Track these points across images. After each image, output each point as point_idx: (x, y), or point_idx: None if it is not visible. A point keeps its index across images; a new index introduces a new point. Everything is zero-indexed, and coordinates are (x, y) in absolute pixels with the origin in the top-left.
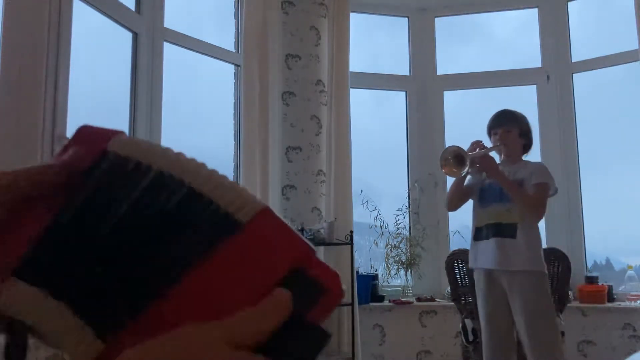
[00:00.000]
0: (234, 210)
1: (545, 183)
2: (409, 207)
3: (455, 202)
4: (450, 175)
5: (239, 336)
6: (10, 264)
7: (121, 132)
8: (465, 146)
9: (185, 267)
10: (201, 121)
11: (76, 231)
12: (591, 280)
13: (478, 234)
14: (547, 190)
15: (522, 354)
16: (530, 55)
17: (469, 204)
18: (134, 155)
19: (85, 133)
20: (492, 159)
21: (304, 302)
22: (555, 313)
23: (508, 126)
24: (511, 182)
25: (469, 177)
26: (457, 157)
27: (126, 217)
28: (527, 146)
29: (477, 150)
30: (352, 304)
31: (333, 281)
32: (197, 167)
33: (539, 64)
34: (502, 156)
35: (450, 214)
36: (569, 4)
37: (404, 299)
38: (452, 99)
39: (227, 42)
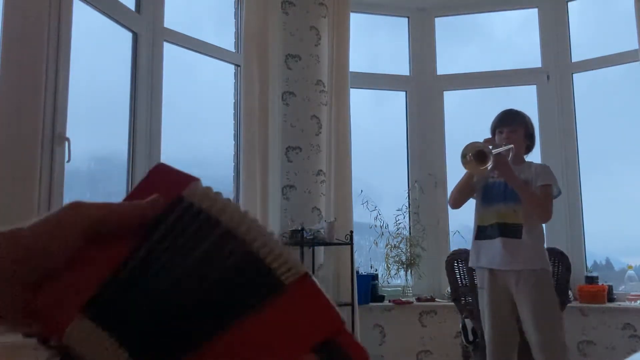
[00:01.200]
0: (277, 267)
1: (551, 185)
2: (409, 207)
3: (461, 200)
4: (473, 172)
5: None
6: (80, 299)
7: (197, 179)
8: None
9: (230, 321)
10: (201, 121)
11: (141, 277)
12: (591, 280)
13: (481, 232)
14: (552, 191)
15: (524, 352)
16: (530, 55)
17: (471, 202)
18: (207, 209)
19: (163, 174)
20: (505, 157)
21: None
22: (559, 308)
23: (514, 126)
24: (522, 182)
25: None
26: (479, 154)
27: (190, 272)
28: (530, 147)
29: (490, 147)
30: (352, 304)
31: (362, 355)
32: (261, 229)
33: (539, 64)
34: (510, 155)
35: (450, 213)
36: (569, 4)
37: (404, 299)
38: (452, 99)
39: (227, 42)
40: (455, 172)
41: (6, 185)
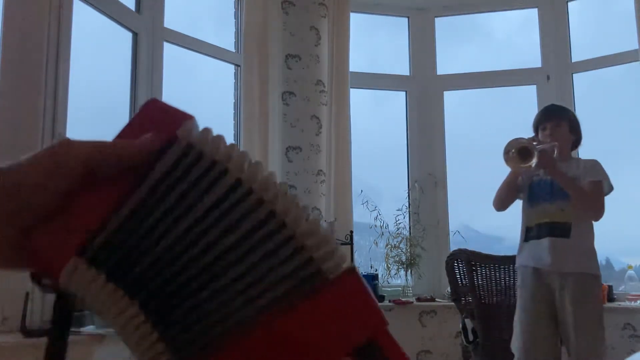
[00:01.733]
0: (320, 257)
1: (601, 181)
2: (409, 207)
3: (506, 200)
4: (515, 170)
5: None
6: (75, 240)
7: (192, 117)
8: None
9: (259, 313)
10: (201, 121)
11: (142, 224)
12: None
13: (529, 233)
14: (602, 188)
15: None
16: (530, 55)
17: (471, 200)
18: (209, 153)
19: (155, 109)
20: (551, 154)
21: None
22: (602, 317)
23: (557, 120)
24: (570, 179)
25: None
26: (522, 150)
27: (196, 226)
28: (576, 142)
29: (535, 143)
30: None
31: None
32: (278, 189)
33: (539, 64)
34: (556, 153)
35: (450, 213)
36: (569, 4)
37: (404, 299)
38: (452, 99)
39: (227, 42)
40: (455, 172)
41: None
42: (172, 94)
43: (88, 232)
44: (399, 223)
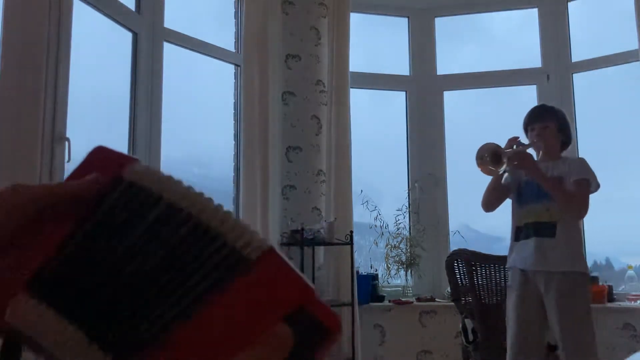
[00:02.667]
0: (241, 246)
1: (586, 179)
2: (409, 207)
3: (492, 202)
4: (487, 174)
5: None
6: (24, 276)
7: (136, 160)
8: (502, 143)
9: (195, 302)
10: (201, 121)
11: (86, 254)
12: (591, 280)
13: (518, 233)
14: (588, 186)
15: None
16: (530, 55)
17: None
18: (148, 185)
19: (101, 155)
20: (529, 155)
21: (305, 338)
22: (591, 316)
23: (545, 121)
24: (550, 179)
25: (506, 175)
26: (493, 155)
27: (134, 247)
28: (565, 142)
29: (514, 147)
30: (352, 304)
31: (333, 321)
32: (206, 201)
33: (539, 64)
34: (540, 153)
35: (450, 213)
36: (569, 4)
37: (404, 299)
38: (452, 99)
39: (227, 42)
40: (455, 172)
41: (6, 185)
42: (172, 94)
43: (36, 266)
44: (399, 223)
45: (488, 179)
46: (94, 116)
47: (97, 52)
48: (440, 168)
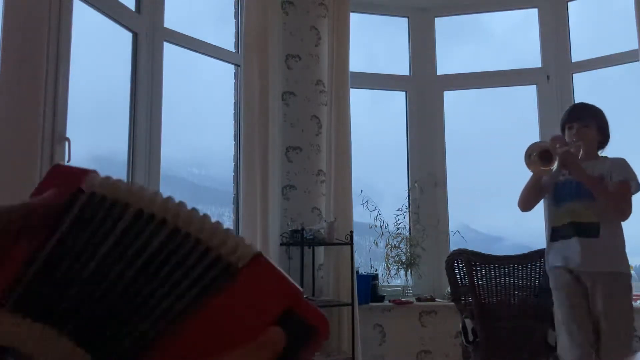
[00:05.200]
0: (227, 253)
1: (628, 181)
2: (409, 207)
3: (531, 201)
4: (536, 173)
5: None
6: None
7: (94, 171)
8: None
9: (182, 314)
10: (201, 121)
11: (55, 270)
12: None
13: (555, 233)
14: (630, 187)
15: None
16: (530, 55)
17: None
18: (110, 195)
19: (59, 172)
20: (575, 155)
21: (296, 339)
22: (633, 316)
23: (585, 120)
24: (594, 179)
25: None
26: (543, 154)
27: (108, 257)
28: (603, 142)
29: (557, 146)
30: (352, 304)
31: (321, 321)
32: (178, 207)
33: (539, 64)
34: (581, 152)
35: (450, 213)
36: (569, 4)
37: (404, 299)
38: (452, 99)
39: (227, 42)
40: (455, 172)
41: (6, 185)
42: (172, 94)
43: (7, 283)
44: (399, 223)
45: (488, 179)
46: (94, 116)
47: (97, 52)
48: (440, 168)
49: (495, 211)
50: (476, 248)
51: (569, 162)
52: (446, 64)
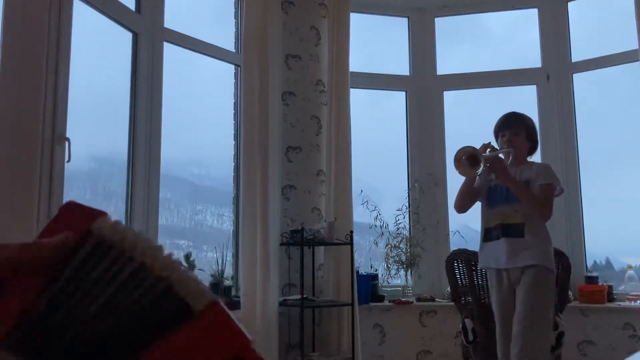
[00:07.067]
0: (190, 298)
1: (551, 184)
2: (409, 207)
3: (465, 204)
4: (464, 175)
5: None
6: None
7: (105, 214)
8: (476, 146)
9: (142, 348)
10: (201, 121)
11: (54, 314)
12: (591, 280)
13: (487, 234)
14: (553, 190)
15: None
16: (530, 55)
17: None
18: (118, 244)
19: (72, 211)
20: (502, 160)
21: None
22: (551, 311)
23: (516, 129)
24: (519, 183)
25: (477, 178)
26: (471, 157)
27: (105, 307)
28: (532, 148)
29: (488, 151)
30: (352, 304)
31: None
32: (175, 263)
33: (539, 64)
34: (510, 158)
35: (450, 213)
36: (569, 4)
37: (404, 299)
38: (452, 99)
39: (227, 42)
40: (455, 172)
41: (6, 185)
42: (172, 94)
43: (8, 325)
44: (399, 223)
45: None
46: (94, 116)
47: (97, 52)
48: (440, 168)
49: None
50: (476, 248)
51: (496, 167)
52: (446, 64)
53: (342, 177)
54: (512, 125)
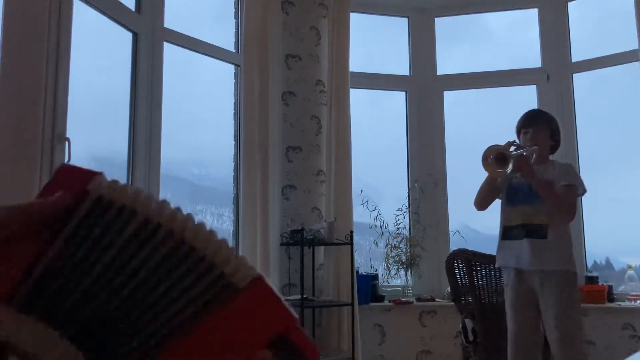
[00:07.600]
0: (230, 272)
1: (574, 185)
2: (409, 207)
3: (487, 201)
4: (493, 175)
5: None
6: (4, 291)
7: (100, 174)
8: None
9: (183, 324)
10: (201, 121)
11: (59, 272)
12: (591, 280)
13: (507, 233)
14: (575, 191)
15: (546, 354)
16: (530, 55)
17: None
18: (118, 200)
19: (66, 173)
20: (527, 158)
21: None
22: (581, 309)
23: (539, 126)
24: (544, 183)
25: None
26: (499, 157)
27: (112, 264)
28: (554, 147)
29: (513, 148)
30: (352, 304)
31: (312, 351)
32: (185, 219)
33: (539, 64)
34: (533, 156)
35: (450, 213)
36: (569, 4)
37: (404, 299)
38: (452, 99)
39: (227, 42)
40: (455, 172)
41: (6, 185)
42: (172, 94)
43: (12, 282)
44: (399, 223)
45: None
46: (94, 116)
47: (97, 52)
48: (440, 168)
49: (495, 211)
50: (476, 248)
51: (521, 166)
52: (446, 64)
53: (342, 177)
54: (534, 123)
